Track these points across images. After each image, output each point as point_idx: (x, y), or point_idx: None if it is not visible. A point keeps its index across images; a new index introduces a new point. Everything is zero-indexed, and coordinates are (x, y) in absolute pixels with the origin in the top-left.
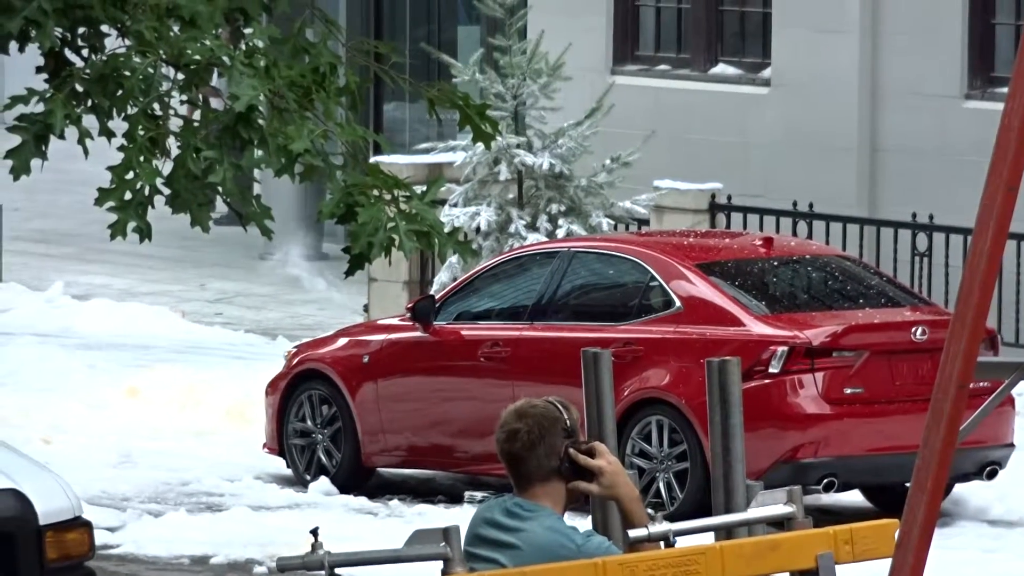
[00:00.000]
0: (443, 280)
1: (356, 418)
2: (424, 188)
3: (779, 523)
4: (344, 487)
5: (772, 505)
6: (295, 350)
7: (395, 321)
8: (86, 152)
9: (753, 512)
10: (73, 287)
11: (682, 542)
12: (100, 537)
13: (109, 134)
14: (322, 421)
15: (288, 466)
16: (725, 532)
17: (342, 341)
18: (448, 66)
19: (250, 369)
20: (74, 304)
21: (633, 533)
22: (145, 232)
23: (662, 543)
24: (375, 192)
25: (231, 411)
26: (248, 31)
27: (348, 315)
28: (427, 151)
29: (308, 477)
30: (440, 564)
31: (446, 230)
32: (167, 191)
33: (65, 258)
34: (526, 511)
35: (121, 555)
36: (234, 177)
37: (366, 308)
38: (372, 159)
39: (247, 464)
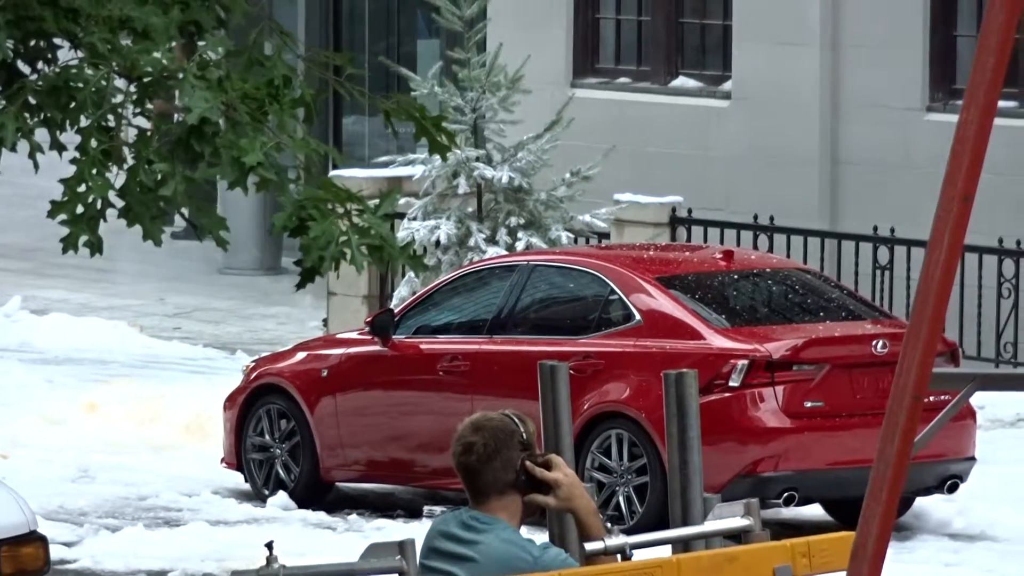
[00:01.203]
0: (402, 294)
1: (315, 432)
2: (377, 202)
3: (736, 536)
4: (303, 502)
5: (729, 518)
6: (253, 364)
7: (354, 335)
8: (36, 166)
9: (710, 525)
10: (31, 302)
11: (639, 555)
12: (57, 552)
13: (60, 147)
14: (280, 436)
15: (246, 481)
16: (682, 545)
17: (301, 355)
18: (407, 79)
19: (209, 384)
20: (32, 319)
21: (589, 546)
22: (96, 246)
23: (619, 556)
24: (328, 206)
25: (189, 426)
26: (202, 44)
27: (307, 329)
28: (386, 164)
29: (266, 492)
30: None
31: (400, 244)
32: (120, 204)
33: (22, 272)
34: (483, 524)
35: (78, 570)
36: (189, 189)
37: (325, 322)
38: (332, 172)
39: (205, 479)
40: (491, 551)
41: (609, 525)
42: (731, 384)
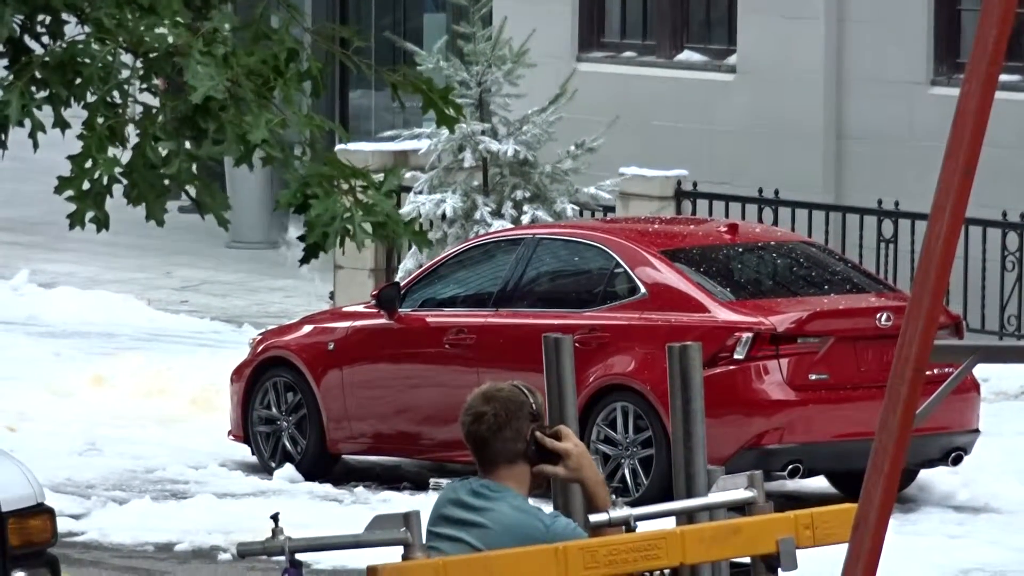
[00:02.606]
0: (408, 267)
1: (321, 405)
2: (382, 177)
3: (740, 508)
4: (309, 474)
5: (733, 490)
6: (260, 337)
7: (360, 308)
8: (36, 145)
9: (714, 497)
10: (39, 275)
11: (643, 527)
12: (64, 524)
13: (64, 125)
14: (287, 408)
15: (253, 453)
16: (686, 517)
17: (307, 328)
18: (413, 54)
19: (216, 357)
20: (40, 292)
21: (594, 518)
22: (103, 222)
23: (624, 528)
24: (333, 182)
25: (196, 399)
26: (209, 17)
27: (314, 302)
28: (392, 139)
29: (273, 464)
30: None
31: (405, 219)
32: (125, 181)
33: (31, 246)
34: (493, 492)
35: (85, 542)
36: (193, 167)
37: (332, 295)
38: (338, 147)
39: (212, 451)
40: (503, 518)
41: (614, 497)
42: (736, 357)
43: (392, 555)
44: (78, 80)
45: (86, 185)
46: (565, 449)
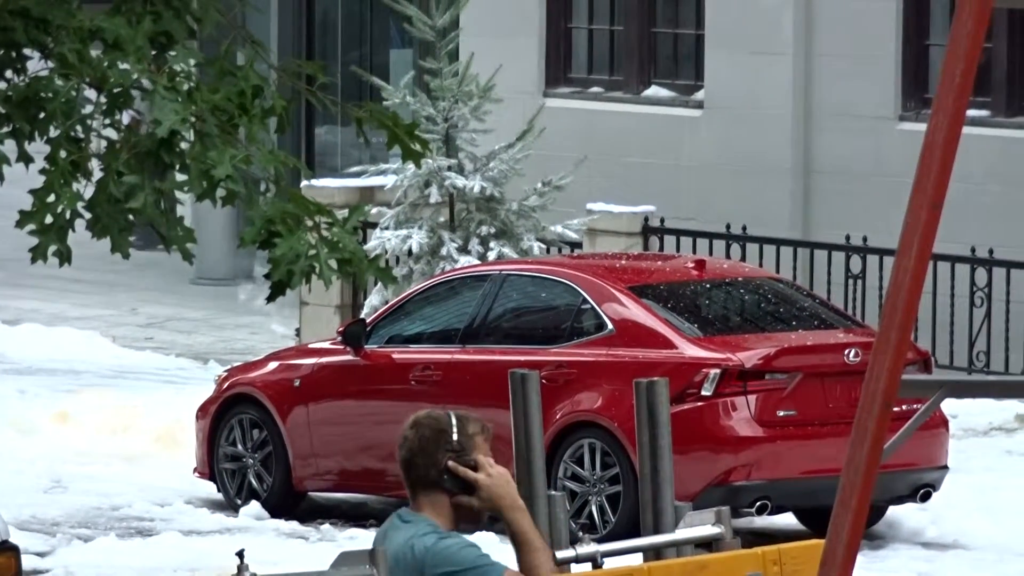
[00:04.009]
0: (374, 304)
1: (287, 442)
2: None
3: (707, 544)
4: (275, 511)
5: (700, 526)
6: (225, 374)
7: (326, 345)
8: (1, 178)
9: (681, 533)
10: (3, 312)
11: (610, 563)
12: (30, 562)
13: (27, 159)
14: (253, 445)
15: (219, 490)
16: (654, 553)
17: (273, 365)
18: (379, 89)
19: (181, 393)
20: (4, 329)
21: (560, 554)
22: (65, 256)
23: (590, 564)
24: (297, 219)
25: (162, 436)
26: (172, 54)
27: (279, 339)
28: (358, 174)
29: (239, 501)
30: None
31: (370, 255)
32: (88, 215)
33: None
34: (404, 521)
35: None
36: (156, 201)
37: (298, 332)
38: (304, 183)
39: (178, 489)
40: (391, 548)
41: (581, 534)
42: (703, 393)
43: None
44: (41, 115)
45: (49, 219)
46: (475, 478)
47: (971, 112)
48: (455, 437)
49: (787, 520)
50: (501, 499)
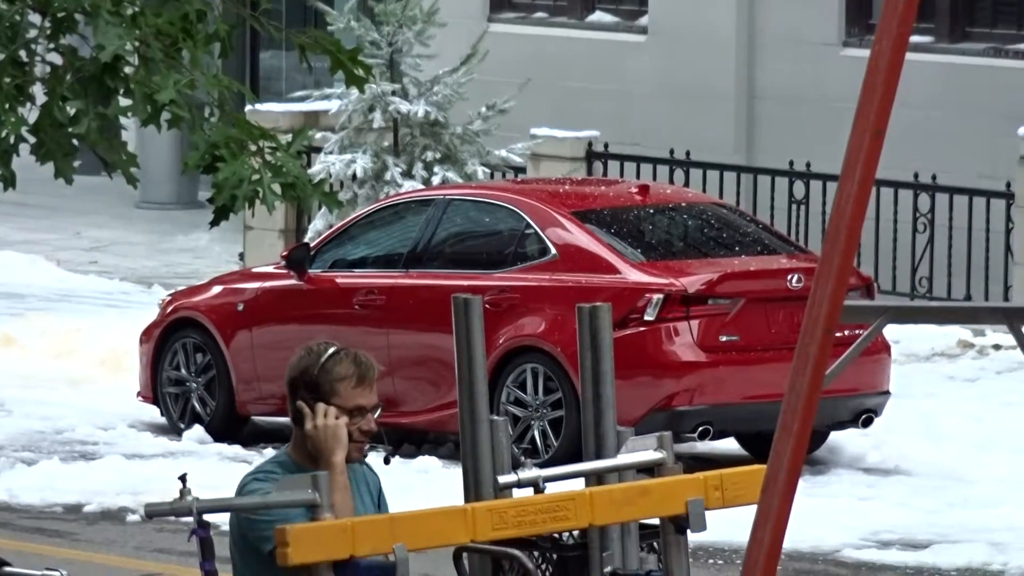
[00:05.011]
0: (318, 228)
1: (231, 366)
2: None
3: (649, 469)
4: (218, 435)
5: (642, 451)
6: (169, 298)
7: (270, 269)
8: None
9: (623, 458)
10: None
11: (552, 488)
12: None
13: None
14: (196, 369)
15: (162, 414)
16: (595, 478)
17: (217, 289)
18: (324, 14)
19: (125, 317)
20: None
21: (503, 478)
22: (9, 180)
23: (532, 489)
24: (241, 144)
25: (105, 359)
26: None
27: (224, 263)
28: (302, 99)
29: (182, 425)
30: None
31: (314, 180)
32: (32, 140)
33: None
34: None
35: None
36: (100, 127)
37: (242, 256)
38: (248, 108)
39: (121, 412)
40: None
41: (523, 459)
42: (646, 318)
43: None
44: None
45: None
46: (305, 429)
47: (914, 38)
48: (314, 376)
49: (729, 445)
50: (319, 452)
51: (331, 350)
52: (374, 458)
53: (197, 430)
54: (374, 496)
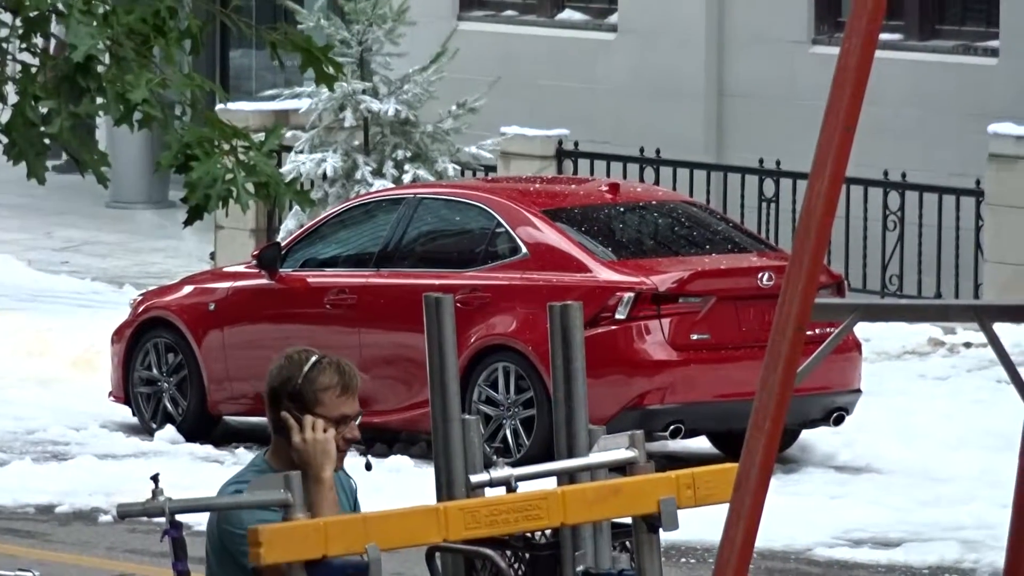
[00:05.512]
0: (289, 227)
1: (202, 366)
2: (263, 137)
3: (621, 468)
4: (190, 435)
5: (614, 450)
6: (141, 298)
7: (241, 269)
8: None
9: (595, 457)
10: None
11: (524, 487)
12: None
13: None
14: (168, 369)
15: (134, 414)
16: (568, 477)
17: (188, 289)
18: (294, 12)
19: (96, 317)
20: None
21: (475, 477)
22: None
23: (504, 488)
24: (214, 143)
25: (77, 360)
26: None
27: (195, 263)
28: (273, 98)
29: (154, 425)
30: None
31: (286, 179)
32: (5, 139)
33: None
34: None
35: None
36: (73, 126)
37: (213, 256)
38: (219, 107)
39: (93, 412)
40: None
41: (495, 458)
42: (617, 316)
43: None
44: None
45: None
46: (293, 441)
47: (884, 36)
48: (297, 386)
49: (701, 444)
50: (307, 466)
51: (313, 359)
52: (352, 461)
53: (169, 430)
54: (351, 502)
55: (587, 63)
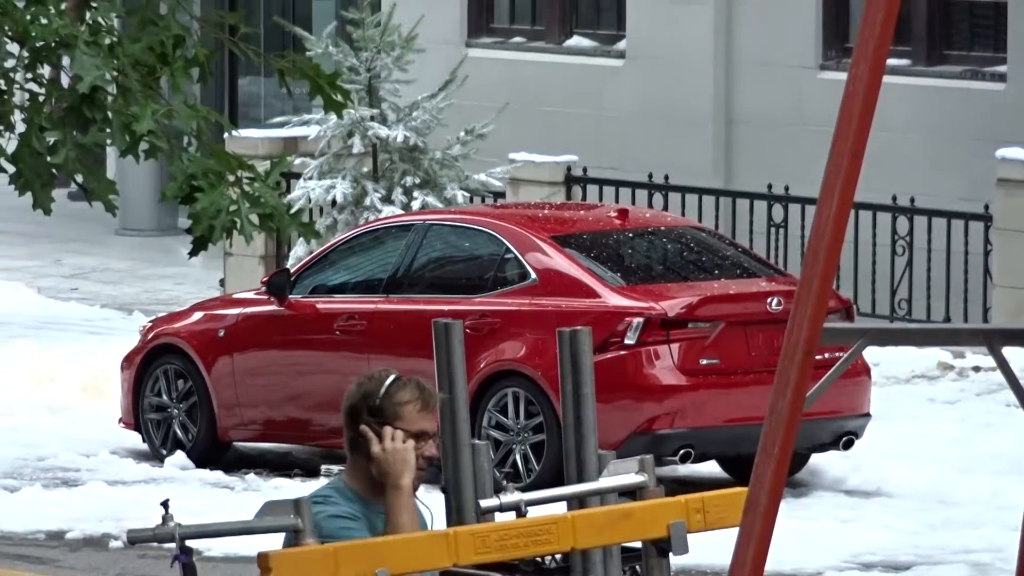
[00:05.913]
0: (299, 254)
1: (212, 392)
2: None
3: (631, 492)
4: (200, 461)
5: (624, 475)
6: (150, 325)
7: (250, 295)
8: None
9: (605, 482)
10: None
11: (534, 512)
12: None
13: None
14: (178, 395)
15: (144, 441)
16: (577, 502)
17: (198, 315)
18: (302, 40)
19: (106, 344)
20: None
21: (484, 503)
22: None
23: (514, 513)
24: (219, 174)
25: (87, 386)
26: (94, 5)
27: (204, 289)
28: (282, 125)
29: (164, 452)
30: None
31: (293, 208)
32: (11, 169)
33: None
34: (327, 481)
35: None
36: (80, 155)
37: (222, 282)
38: (227, 135)
39: (103, 439)
40: None
41: (505, 483)
42: (627, 342)
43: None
44: None
45: None
46: (369, 448)
47: (892, 61)
48: (378, 401)
49: (710, 468)
50: (386, 475)
51: (392, 376)
52: (425, 490)
53: (179, 456)
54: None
55: (595, 89)
